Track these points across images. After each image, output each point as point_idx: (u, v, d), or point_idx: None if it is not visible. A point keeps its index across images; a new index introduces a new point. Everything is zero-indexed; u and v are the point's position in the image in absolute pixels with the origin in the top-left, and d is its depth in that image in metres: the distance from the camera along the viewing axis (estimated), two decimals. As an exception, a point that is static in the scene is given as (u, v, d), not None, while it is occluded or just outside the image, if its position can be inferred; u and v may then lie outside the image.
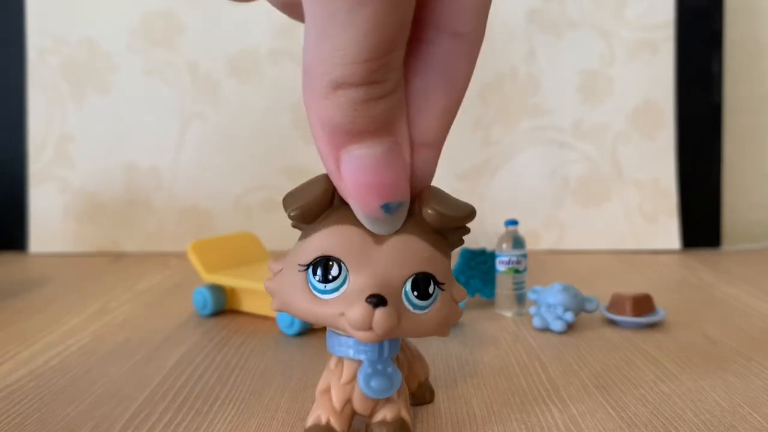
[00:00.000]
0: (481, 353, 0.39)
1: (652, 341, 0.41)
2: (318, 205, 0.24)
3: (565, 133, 0.77)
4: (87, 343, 0.42)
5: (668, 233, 0.75)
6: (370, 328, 0.23)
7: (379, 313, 0.23)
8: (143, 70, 0.78)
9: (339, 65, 0.19)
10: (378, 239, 0.24)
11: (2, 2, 0.79)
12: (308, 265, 0.24)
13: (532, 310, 0.45)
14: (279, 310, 0.26)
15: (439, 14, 0.21)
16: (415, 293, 0.24)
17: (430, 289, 0.25)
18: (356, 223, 0.24)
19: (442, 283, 0.25)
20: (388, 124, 0.21)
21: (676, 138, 0.76)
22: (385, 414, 0.27)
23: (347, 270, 0.24)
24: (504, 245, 0.47)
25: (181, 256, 0.71)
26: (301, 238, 0.25)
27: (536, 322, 0.43)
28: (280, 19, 0.67)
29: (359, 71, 0.19)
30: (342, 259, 0.24)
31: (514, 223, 0.48)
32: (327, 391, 0.27)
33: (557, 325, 0.42)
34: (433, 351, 0.40)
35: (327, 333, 0.27)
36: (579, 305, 0.44)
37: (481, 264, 0.51)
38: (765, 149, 0.82)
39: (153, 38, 0.78)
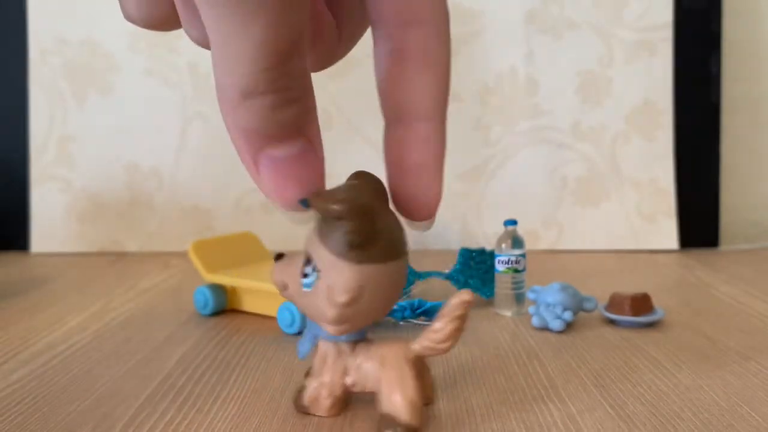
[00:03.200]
0: (480, 352, 0.39)
1: (651, 340, 0.41)
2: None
3: (564, 133, 0.77)
4: (88, 342, 0.42)
5: (666, 233, 0.75)
6: None
7: None
8: (144, 70, 0.78)
9: (242, 76, 0.21)
10: None
11: (3, 3, 0.79)
12: None
13: (531, 309, 0.45)
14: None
15: (399, 11, 0.24)
16: None
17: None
18: None
19: None
20: (300, 126, 0.23)
21: (674, 138, 0.76)
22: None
23: None
24: (503, 245, 0.47)
25: (182, 255, 0.71)
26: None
27: (535, 321, 0.44)
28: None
29: (262, 80, 0.21)
30: None
31: (513, 223, 0.48)
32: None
33: (556, 325, 0.43)
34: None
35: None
36: (578, 305, 0.44)
37: (480, 264, 0.52)
38: (763, 150, 0.82)
39: (154, 39, 0.78)
